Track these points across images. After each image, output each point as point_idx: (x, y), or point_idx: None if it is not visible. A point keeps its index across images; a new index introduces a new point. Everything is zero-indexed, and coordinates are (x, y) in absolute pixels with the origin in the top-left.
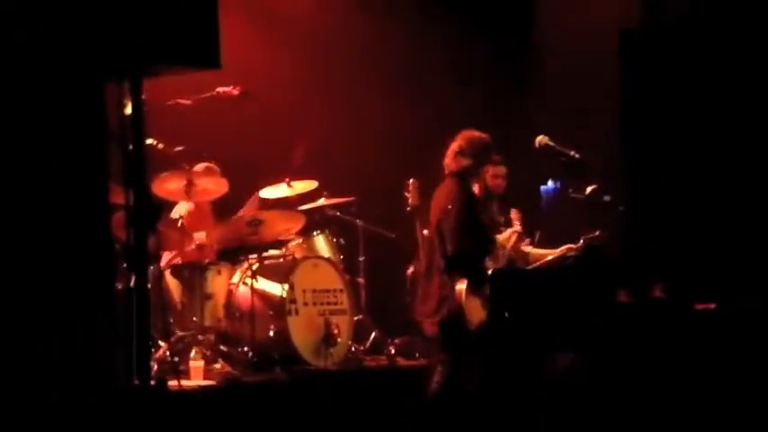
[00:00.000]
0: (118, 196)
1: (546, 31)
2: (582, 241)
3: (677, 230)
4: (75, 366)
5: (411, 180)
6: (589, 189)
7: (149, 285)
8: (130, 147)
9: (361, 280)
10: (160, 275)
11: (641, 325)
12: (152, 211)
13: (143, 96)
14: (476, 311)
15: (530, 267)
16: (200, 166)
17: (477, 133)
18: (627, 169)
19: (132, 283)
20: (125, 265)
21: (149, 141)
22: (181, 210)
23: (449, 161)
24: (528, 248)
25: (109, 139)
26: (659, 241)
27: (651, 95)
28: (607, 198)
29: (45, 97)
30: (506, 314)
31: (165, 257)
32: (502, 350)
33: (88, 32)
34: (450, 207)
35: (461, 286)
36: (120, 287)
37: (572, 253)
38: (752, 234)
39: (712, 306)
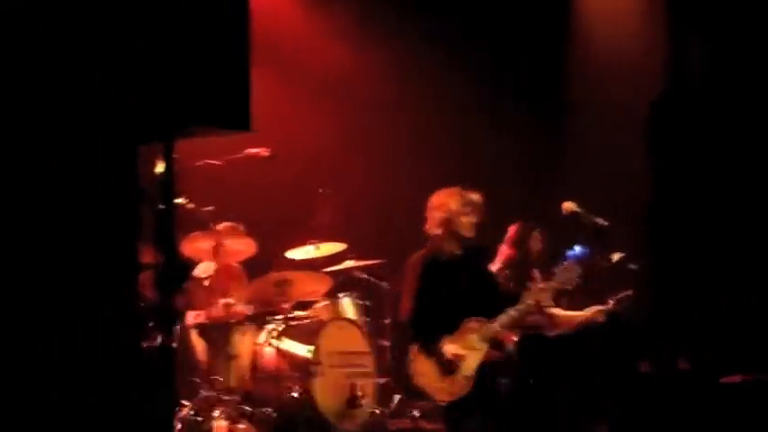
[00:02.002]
0: (146, 255)
1: (579, 95)
2: (611, 302)
3: (705, 301)
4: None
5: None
6: (616, 257)
7: (174, 344)
8: (161, 206)
9: (386, 342)
10: (185, 334)
11: (664, 396)
12: (180, 271)
13: (174, 156)
14: (427, 377)
15: (557, 331)
16: (225, 226)
17: (436, 193)
18: (655, 238)
19: (159, 342)
20: (151, 324)
21: (179, 201)
22: (208, 269)
23: None
24: (557, 311)
25: (141, 199)
26: (686, 311)
27: (681, 164)
28: (634, 267)
29: (80, 159)
30: (531, 380)
31: (192, 317)
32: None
33: (122, 94)
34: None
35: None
36: (146, 346)
37: (599, 316)
38: None
39: (738, 379)
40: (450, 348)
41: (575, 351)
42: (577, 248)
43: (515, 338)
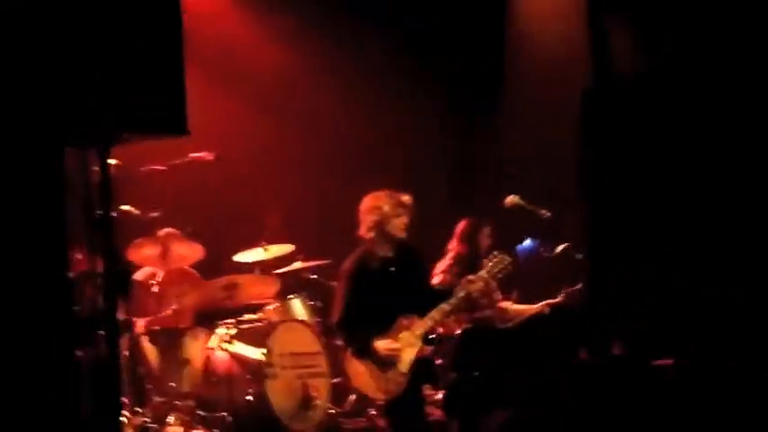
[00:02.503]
0: (90, 262)
1: (512, 90)
2: (562, 295)
3: (639, 287)
4: None
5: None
6: (561, 247)
7: (126, 352)
8: (99, 212)
9: (339, 342)
10: (136, 341)
11: (599, 383)
12: (121, 278)
13: (116, 162)
14: (363, 378)
15: (507, 325)
16: (166, 231)
17: (366, 197)
18: (590, 226)
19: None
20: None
21: (125, 207)
22: (155, 275)
23: None
24: (506, 304)
25: (82, 205)
26: (621, 298)
27: (613, 153)
28: (579, 256)
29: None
30: (474, 373)
31: (142, 323)
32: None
33: (49, 99)
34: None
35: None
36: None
37: (547, 309)
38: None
39: (670, 362)
40: (383, 344)
41: (519, 342)
42: (527, 242)
43: (458, 330)
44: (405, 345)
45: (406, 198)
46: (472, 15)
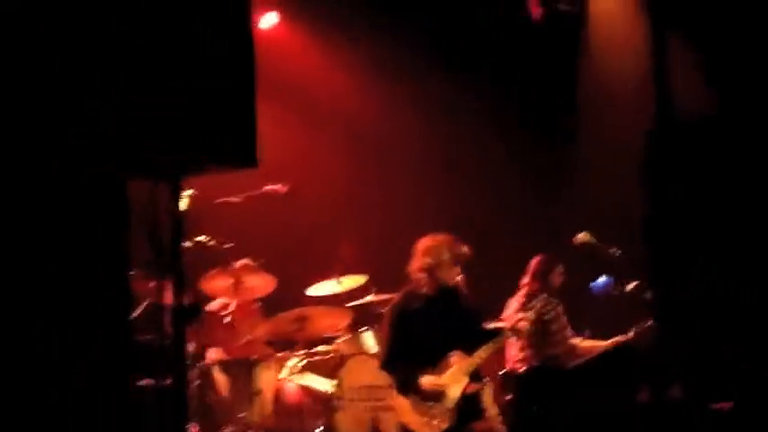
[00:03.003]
0: (166, 294)
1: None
2: (632, 332)
3: (701, 329)
4: None
5: (460, 276)
6: (632, 285)
7: (196, 381)
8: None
9: None
10: (207, 372)
11: (658, 426)
12: (191, 309)
13: (192, 192)
14: (410, 415)
15: (574, 363)
16: (241, 263)
17: (426, 238)
18: (654, 266)
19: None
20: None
21: (200, 238)
22: (227, 306)
23: None
24: (578, 341)
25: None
26: (683, 339)
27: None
28: (648, 295)
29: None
30: (534, 409)
31: (213, 353)
32: None
33: (117, 128)
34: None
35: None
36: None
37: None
38: None
39: (729, 405)
40: (428, 380)
41: (581, 381)
42: (600, 278)
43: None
44: (451, 381)
45: (465, 249)
46: (550, 52)
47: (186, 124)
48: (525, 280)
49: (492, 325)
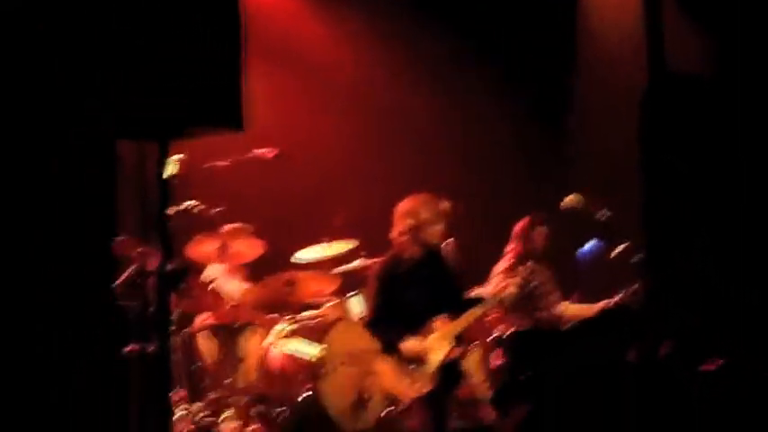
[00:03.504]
0: (153, 259)
1: (579, 90)
2: (619, 296)
3: (694, 290)
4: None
5: (448, 240)
6: (620, 247)
7: (181, 348)
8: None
9: None
10: (192, 338)
11: (645, 383)
12: (176, 274)
13: (181, 156)
14: (388, 377)
15: (564, 327)
16: (232, 227)
17: (404, 200)
18: (648, 227)
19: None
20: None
21: (188, 203)
22: (214, 271)
23: None
24: (566, 305)
25: (141, 201)
26: (675, 299)
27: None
28: (636, 258)
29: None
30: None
31: (199, 319)
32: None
33: (102, 90)
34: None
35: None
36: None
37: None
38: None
39: (718, 364)
40: (411, 344)
41: (569, 344)
42: (590, 242)
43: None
44: (435, 345)
45: (445, 205)
46: (544, 13)
47: (173, 85)
48: (510, 245)
49: (477, 291)
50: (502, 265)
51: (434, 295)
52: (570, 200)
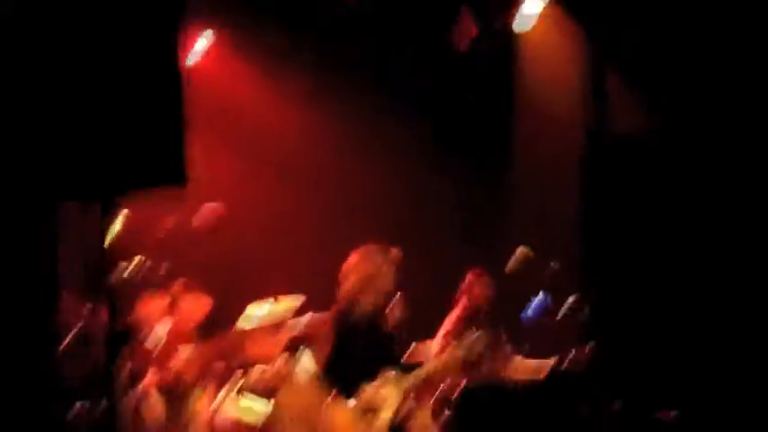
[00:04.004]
0: (101, 316)
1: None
2: (569, 358)
3: (640, 341)
4: None
5: (397, 294)
6: (570, 300)
7: (131, 406)
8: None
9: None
10: (142, 396)
11: None
12: (123, 333)
13: (126, 214)
14: (341, 423)
15: (512, 383)
16: (180, 284)
17: (354, 253)
18: (590, 284)
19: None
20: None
21: (135, 260)
22: (162, 329)
23: None
24: (517, 360)
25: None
26: (622, 353)
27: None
28: (585, 314)
29: None
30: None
31: (149, 378)
32: None
33: (43, 153)
34: None
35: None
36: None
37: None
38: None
39: (672, 414)
40: (366, 395)
41: (520, 401)
42: (538, 296)
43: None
44: (387, 399)
45: (395, 252)
46: (482, 78)
47: (116, 145)
48: (460, 298)
49: (425, 347)
50: (451, 319)
51: (380, 351)
52: (521, 252)
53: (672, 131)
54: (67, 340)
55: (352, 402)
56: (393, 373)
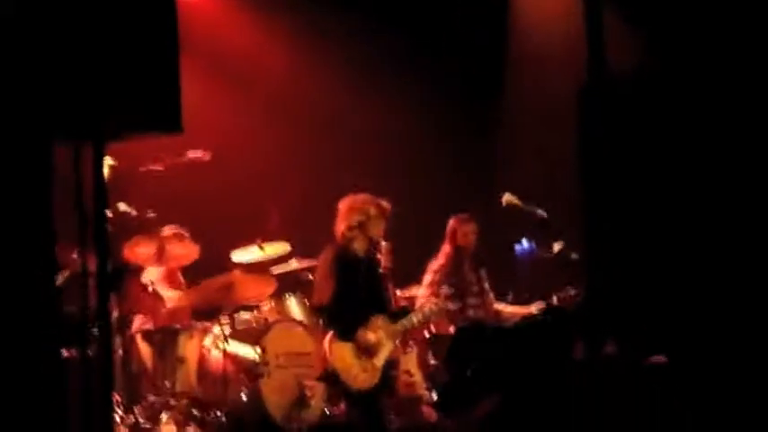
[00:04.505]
0: (90, 261)
1: (512, 89)
2: (555, 299)
3: (635, 286)
4: None
5: (384, 243)
6: (557, 247)
7: (120, 351)
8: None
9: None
10: (131, 340)
11: (592, 381)
12: (114, 275)
13: (113, 161)
14: (344, 361)
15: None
16: (169, 231)
17: (348, 197)
18: (588, 225)
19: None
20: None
21: (122, 207)
22: (151, 275)
23: None
24: (501, 306)
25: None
26: (617, 296)
27: (610, 152)
28: (574, 256)
29: None
30: (468, 372)
31: (137, 322)
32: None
33: (39, 91)
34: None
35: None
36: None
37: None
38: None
39: (663, 360)
40: (368, 334)
41: (513, 340)
42: (524, 242)
43: (452, 329)
44: (382, 341)
45: (386, 204)
46: (476, 14)
47: (110, 88)
48: (444, 244)
49: (411, 294)
50: (435, 263)
51: (372, 293)
52: (507, 198)
53: (671, 69)
54: (60, 281)
55: (352, 341)
56: (381, 319)
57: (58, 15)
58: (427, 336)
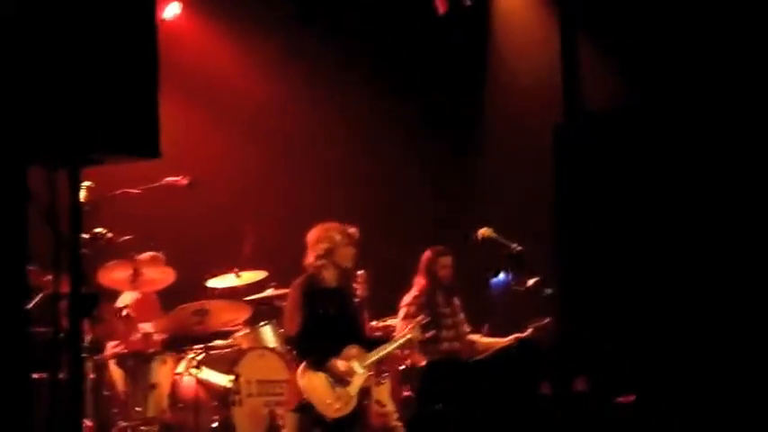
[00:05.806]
0: (63, 284)
1: (489, 123)
2: (530, 330)
3: (606, 323)
4: None
5: (360, 272)
6: (531, 281)
7: (92, 375)
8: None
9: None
10: (103, 365)
11: (561, 417)
12: (88, 299)
13: (89, 184)
14: (317, 392)
15: (475, 358)
16: (145, 255)
17: (315, 227)
18: (561, 262)
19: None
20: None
21: (98, 230)
22: (126, 299)
23: None
24: (476, 337)
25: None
26: (587, 333)
27: (585, 187)
28: (548, 291)
29: None
30: (437, 405)
31: (110, 347)
32: None
33: (14, 117)
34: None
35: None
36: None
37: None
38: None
39: (632, 398)
40: (341, 363)
41: (483, 375)
42: (500, 275)
43: (423, 363)
44: (356, 370)
45: (353, 230)
46: (456, 47)
47: (87, 112)
48: (418, 277)
49: (387, 324)
50: (409, 296)
51: (346, 323)
52: (483, 231)
53: (646, 101)
54: (32, 304)
55: (324, 370)
56: (356, 348)
57: (35, 38)
58: (401, 368)
